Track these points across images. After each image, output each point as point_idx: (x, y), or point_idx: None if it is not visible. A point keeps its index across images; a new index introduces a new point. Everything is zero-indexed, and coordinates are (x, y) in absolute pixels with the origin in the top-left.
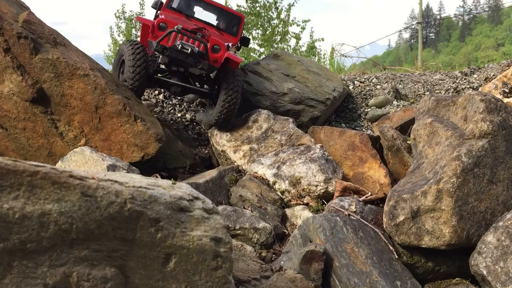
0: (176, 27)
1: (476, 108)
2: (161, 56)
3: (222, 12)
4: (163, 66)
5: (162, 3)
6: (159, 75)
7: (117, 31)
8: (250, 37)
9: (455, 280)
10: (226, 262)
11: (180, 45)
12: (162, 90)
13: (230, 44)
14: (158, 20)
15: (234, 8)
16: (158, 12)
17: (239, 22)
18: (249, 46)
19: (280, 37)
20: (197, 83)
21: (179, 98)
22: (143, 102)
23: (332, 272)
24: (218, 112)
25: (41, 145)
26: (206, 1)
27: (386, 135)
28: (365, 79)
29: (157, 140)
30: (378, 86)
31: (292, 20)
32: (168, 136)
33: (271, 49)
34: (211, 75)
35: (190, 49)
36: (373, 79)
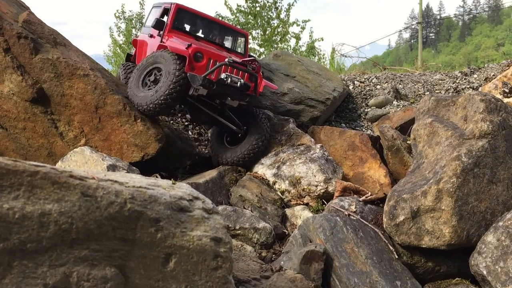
0: (226, 60)
1: (476, 108)
2: (197, 88)
3: (227, 30)
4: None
5: (163, 22)
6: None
7: (117, 31)
8: (250, 37)
9: (455, 280)
10: (226, 262)
11: (228, 79)
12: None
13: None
14: (193, 50)
15: (234, 8)
16: (161, 32)
17: (245, 39)
18: (249, 46)
19: (280, 37)
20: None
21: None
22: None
23: (332, 272)
24: (246, 153)
25: (41, 145)
26: (211, 20)
27: (386, 135)
28: (365, 79)
29: (157, 140)
30: (378, 86)
31: (292, 21)
32: (168, 136)
33: (271, 49)
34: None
35: (239, 82)
36: (373, 79)
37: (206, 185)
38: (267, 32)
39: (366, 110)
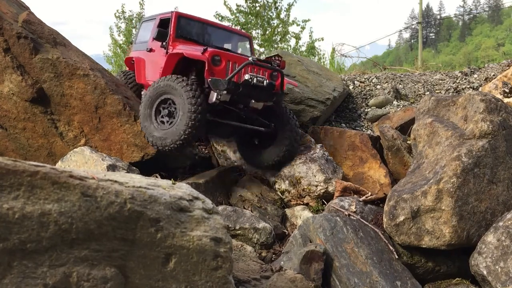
0: (251, 58)
1: (476, 108)
2: (221, 94)
3: (230, 34)
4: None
5: (166, 32)
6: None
7: (117, 31)
8: None
9: (455, 280)
10: (226, 262)
11: (254, 79)
12: None
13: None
14: (210, 53)
15: (234, 8)
16: (164, 43)
17: (249, 41)
18: None
19: (280, 37)
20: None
21: None
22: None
23: (332, 272)
24: (283, 150)
25: (41, 145)
26: (213, 25)
27: (386, 135)
28: (365, 79)
29: None
30: (378, 86)
31: (292, 20)
32: None
33: (271, 49)
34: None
35: (265, 82)
36: (373, 79)
37: (206, 185)
38: (267, 32)
39: (366, 110)
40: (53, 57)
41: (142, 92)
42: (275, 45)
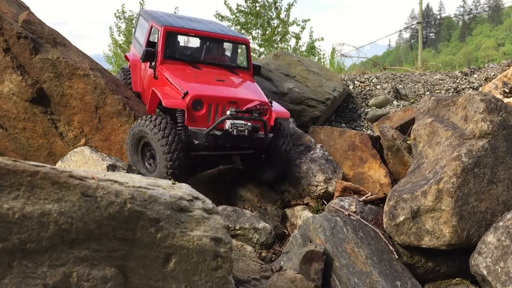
0: (229, 112)
1: (476, 108)
2: (201, 140)
3: (226, 41)
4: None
5: (153, 53)
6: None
7: (117, 31)
8: (250, 37)
9: (455, 280)
10: (226, 262)
11: (234, 129)
12: None
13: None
14: (191, 99)
15: (234, 8)
16: (153, 64)
17: (246, 47)
18: (250, 47)
19: (280, 37)
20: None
21: None
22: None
23: (332, 272)
24: (276, 170)
25: (41, 145)
26: (207, 35)
27: (386, 135)
28: (365, 79)
29: None
30: (378, 86)
31: (293, 20)
32: None
33: (271, 49)
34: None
35: (246, 129)
36: (373, 79)
37: (206, 185)
38: (267, 32)
39: (366, 110)
40: (53, 57)
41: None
42: (275, 45)
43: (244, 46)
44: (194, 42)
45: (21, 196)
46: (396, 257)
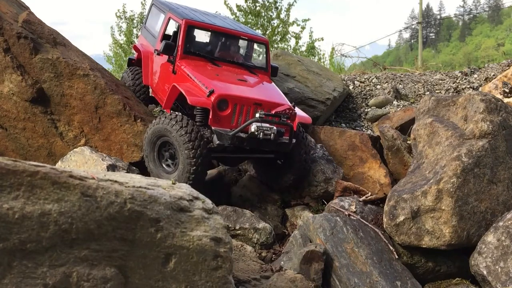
0: (258, 114)
1: (476, 108)
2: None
3: (246, 40)
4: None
5: (173, 46)
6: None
7: (118, 31)
8: None
9: (455, 280)
10: (226, 262)
11: (260, 133)
12: None
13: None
14: (217, 98)
15: (234, 7)
16: (171, 58)
17: (265, 47)
18: None
19: (280, 37)
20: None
21: None
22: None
23: (332, 272)
24: (294, 176)
25: (41, 145)
26: (228, 32)
27: (386, 135)
28: (365, 79)
29: None
30: (378, 86)
31: (293, 21)
32: None
33: (271, 49)
34: None
35: (272, 135)
36: (373, 79)
37: (206, 185)
38: (267, 32)
39: (366, 110)
40: (53, 57)
41: (151, 93)
42: (275, 45)
43: (263, 45)
44: (210, 38)
45: (21, 196)
46: (396, 257)
